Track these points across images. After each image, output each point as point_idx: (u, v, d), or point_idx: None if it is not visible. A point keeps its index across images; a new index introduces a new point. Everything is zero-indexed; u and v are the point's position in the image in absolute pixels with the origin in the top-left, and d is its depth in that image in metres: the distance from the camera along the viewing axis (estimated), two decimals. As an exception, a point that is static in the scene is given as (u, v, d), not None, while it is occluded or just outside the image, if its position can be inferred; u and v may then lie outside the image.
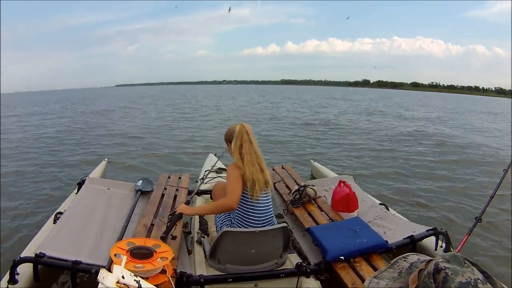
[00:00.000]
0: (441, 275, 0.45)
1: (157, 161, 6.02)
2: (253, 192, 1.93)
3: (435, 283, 0.46)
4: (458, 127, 12.37)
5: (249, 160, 1.94)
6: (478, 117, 17.75)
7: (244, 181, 1.93)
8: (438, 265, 0.47)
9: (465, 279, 0.44)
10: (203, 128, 10.74)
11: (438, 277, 0.46)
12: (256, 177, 1.93)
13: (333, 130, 10.41)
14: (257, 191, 1.93)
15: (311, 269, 1.91)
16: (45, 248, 1.85)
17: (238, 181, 1.92)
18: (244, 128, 2.01)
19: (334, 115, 15.05)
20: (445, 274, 0.45)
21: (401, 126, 11.73)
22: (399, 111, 18.44)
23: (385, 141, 8.51)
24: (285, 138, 8.65)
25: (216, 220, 2.17)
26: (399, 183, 4.92)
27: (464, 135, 10.21)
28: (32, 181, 4.57)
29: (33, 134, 9.00)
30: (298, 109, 18.71)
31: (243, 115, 14.85)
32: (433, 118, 15.06)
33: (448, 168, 5.96)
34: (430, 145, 8.08)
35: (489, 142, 8.87)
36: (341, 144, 8.08)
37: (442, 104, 29.44)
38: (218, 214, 2.14)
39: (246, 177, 1.92)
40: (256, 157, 1.98)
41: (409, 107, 22.96)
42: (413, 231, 2.27)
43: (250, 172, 1.92)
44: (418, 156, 6.81)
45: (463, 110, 23.27)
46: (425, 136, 9.42)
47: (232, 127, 2.07)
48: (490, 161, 6.60)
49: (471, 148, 7.87)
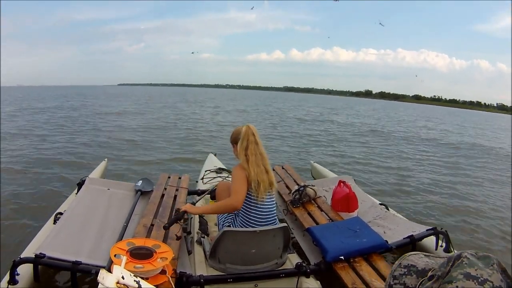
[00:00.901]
0: (458, 261, 0.45)
1: (157, 162, 6.02)
2: (257, 193, 1.94)
3: (448, 265, 0.46)
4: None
5: (254, 161, 1.95)
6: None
7: (249, 182, 1.93)
8: (462, 253, 0.47)
9: (475, 273, 0.43)
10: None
11: (455, 262, 0.46)
12: (261, 178, 1.94)
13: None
14: (261, 192, 1.94)
15: (311, 269, 1.91)
16: (45, 249, 1.85)
17: (243, 182, 1.93)
18: (250, 129, 2.01)
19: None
20: (461, 261, 0.45)
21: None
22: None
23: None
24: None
25: (219, 218, 2.17)
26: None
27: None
28: (32, 181, 4.56)
29: (30, 131, 9.00)
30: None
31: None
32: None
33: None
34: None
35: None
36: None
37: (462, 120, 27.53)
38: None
39: (251, 178, 1.92)
40: (261, 158, 1.98)
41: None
42: (413, 230, 2.28)
43: (255, 173, 1.93)
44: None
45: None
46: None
47: (238, 129, 2.07)
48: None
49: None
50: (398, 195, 4.67)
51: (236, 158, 2.07)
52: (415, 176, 6.00)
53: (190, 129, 10.78)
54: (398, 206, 3.90)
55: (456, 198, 4.75)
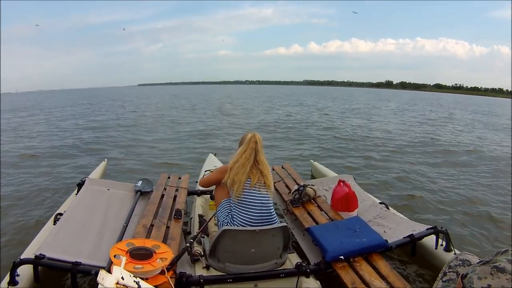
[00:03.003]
0: (505, 252, 0.56)
1: (157, 162, 6.02)
2: (236, 191, 2.06)
3: (496, 255, 0.57)
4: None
5: (241, 164, 2.09)
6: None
7: (225, 180, 2.13)
8: (509, 248, 0.58)
9: (486, 284, 0.53)
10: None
11: (502, 253, 0.57)
12: (238, 178, 2.06)
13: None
14: (238, 190, 2.05)
15: (311, 269, 1.91)
16: (45, 250, 1.85)
17: (216, 175, 2.33)
18: (254, 137, 2.16)
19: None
20: (506, 250, 0.55)
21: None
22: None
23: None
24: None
25: (218, 215, 2.19)
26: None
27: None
28: (32, 181, 4.57)
29: (29, 133, 9.01)
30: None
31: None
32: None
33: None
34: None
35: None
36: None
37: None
38: (221, 211, 2.18)
39: (229, 176, 2.10)
40: (258, 164, 2.11)
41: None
42: (413, 230, 2.27)
43: (235, 173, 2.08)
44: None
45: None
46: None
47: (245, 135, 2.24)
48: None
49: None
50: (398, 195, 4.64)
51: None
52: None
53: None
54: (397, 205, 3.88)
55: (458, 196, 4.68)
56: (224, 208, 2.17)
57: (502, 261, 0.51)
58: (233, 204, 2.10)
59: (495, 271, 0.52)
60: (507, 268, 0.51)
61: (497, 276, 0.51)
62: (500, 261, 0.51)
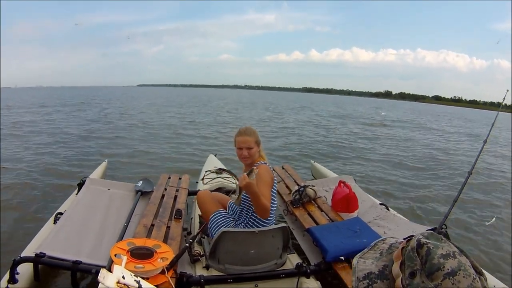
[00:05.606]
0: (424, 249, 0.49)
1: (157, 161, 6.02)
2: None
3: (419, 256, 0.49)
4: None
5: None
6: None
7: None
8: (420, 241, 0.50)
9: (445, 251, 0.48)
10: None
11: (421, 251, 0.49)
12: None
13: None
14: None
15: (311, 270, 1.91)
16: (45, 248, 1.85)
17: (271, 184, 1.96)
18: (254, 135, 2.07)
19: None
20: (427, 248, 0.49)
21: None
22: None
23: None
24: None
25: (211, 221, 2.11)
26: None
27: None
28: (32, 181, 4.57)
29: (31, 132, 9.00)
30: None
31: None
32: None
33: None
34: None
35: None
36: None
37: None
38: (214, 218, 2.10)
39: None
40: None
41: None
42: (413, 231, 2.27)
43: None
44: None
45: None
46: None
47: (254, 130, 2.08)
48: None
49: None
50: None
51: (245, 159, 2.03)
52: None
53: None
54: (398, 206, 3.89)
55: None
56: (220, 221, 2.08)
57: (442, 263, 0.47)
58: (248, 214, 1.99)
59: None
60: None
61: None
62: (442, 264, 0.48)
